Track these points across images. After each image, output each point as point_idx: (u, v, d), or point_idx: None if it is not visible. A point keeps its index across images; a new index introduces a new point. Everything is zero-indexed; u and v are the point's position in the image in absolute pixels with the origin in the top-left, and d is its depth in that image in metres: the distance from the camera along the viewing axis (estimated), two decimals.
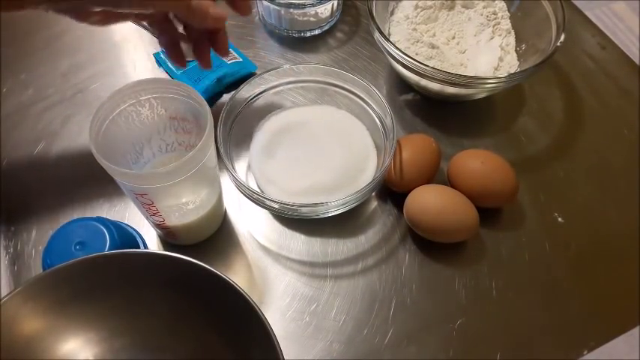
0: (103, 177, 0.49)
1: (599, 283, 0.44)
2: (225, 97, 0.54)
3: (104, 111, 0.35)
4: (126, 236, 0.42)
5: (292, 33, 0.59)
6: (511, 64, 0.52)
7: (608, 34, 0.62)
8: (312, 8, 0.56)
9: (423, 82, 0.49)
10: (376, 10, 0.50)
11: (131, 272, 0.34)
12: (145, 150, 0.41)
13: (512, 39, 0.54)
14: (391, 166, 0.45)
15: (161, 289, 0.35)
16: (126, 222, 0.45)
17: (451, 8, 0.56)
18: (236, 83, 0.54)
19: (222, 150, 0.42)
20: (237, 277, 0.44)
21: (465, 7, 0.56)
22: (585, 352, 0.41)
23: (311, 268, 0.44)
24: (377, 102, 0.46)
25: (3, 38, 0.57)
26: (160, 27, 0.42)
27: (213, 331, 0.35)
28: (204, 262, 0.33)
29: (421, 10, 0.54)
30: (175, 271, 0.34)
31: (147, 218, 0.41)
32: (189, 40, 0.42)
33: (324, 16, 0.58)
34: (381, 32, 0.48)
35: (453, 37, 0.54)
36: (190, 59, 0.43)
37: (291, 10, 0.56)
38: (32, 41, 0.58)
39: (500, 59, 0.52)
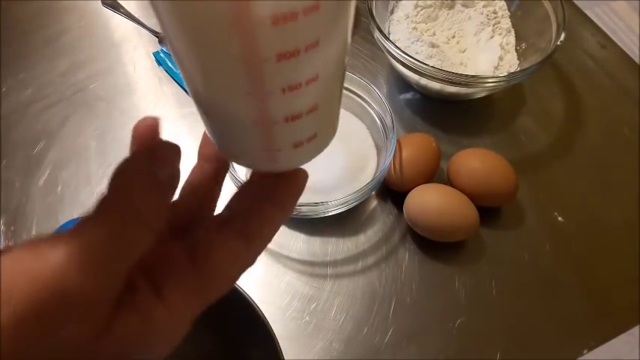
0: (103, 176, 0.49)
1: (599, 283, 0.44)
2: None
3: None
4: None
5: None
6: (511, 64, 0.52)
7: (608, 33, 0.61)
8: None
9: (423, 81, 0.49)
10: (376, 9, 0.50)
11: None
12: None
13: (512, 38, 0.54)
14: (391, 166, 0.45)
15: None
16: None
17: (451, 7, 0.56)
18: None
19: None
20: None
21: (465, 6, 0.56)
22: (585, 352, 0.41)
23: (311, 268, 0.44)
24: (377, 101, 0.46)
25: (2, 38, 0.57)
26: None
27: (213, 331, 0.35)
28: None
29: (421, 9, 0.54)
30: None
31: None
32: None
33: None
34: (381, 31, 0.48)
35: (453, 36, 0.54)
36: None
37: None
38: (31, 41, 0.58)
39: (500, 58, 0.52)
